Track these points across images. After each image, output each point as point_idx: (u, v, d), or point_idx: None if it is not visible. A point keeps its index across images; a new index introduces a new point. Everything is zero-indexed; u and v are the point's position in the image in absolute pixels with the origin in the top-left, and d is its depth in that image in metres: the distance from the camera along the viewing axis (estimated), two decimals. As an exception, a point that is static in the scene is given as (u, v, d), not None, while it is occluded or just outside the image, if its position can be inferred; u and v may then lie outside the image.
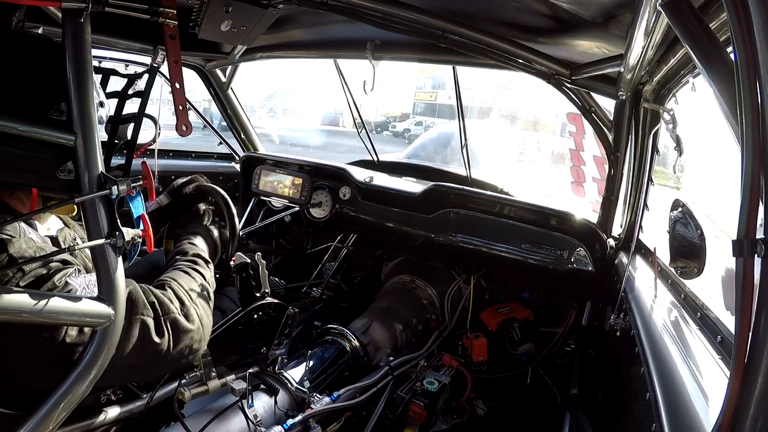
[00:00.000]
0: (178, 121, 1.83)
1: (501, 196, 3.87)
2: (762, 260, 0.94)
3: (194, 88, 4.75)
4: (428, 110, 32.97)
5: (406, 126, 33.16)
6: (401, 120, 35.68)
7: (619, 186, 3.18)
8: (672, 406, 1.54)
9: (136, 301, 1.91)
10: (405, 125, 33.21)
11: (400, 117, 36.74)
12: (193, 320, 2.05)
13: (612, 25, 2.10)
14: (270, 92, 33.82)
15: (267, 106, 33.93)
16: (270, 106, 34.82)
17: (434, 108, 34.91)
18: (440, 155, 6.90)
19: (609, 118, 3.07)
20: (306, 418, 2.53)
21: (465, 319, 3.92)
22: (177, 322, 1.98)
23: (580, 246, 3.39)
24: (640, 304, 2.37)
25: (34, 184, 1.71)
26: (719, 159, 4.35)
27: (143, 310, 1.91)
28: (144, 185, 1.72)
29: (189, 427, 2.15)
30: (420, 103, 36.62)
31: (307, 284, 4.21)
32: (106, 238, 1.60)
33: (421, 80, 35.98)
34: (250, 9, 2.25)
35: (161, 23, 1.78)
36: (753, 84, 0.96)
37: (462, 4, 2.49)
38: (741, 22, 0.98)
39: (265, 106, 32.81)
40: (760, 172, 0.95)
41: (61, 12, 1.50)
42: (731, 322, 1.65)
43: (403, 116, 36.63)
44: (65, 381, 1.63)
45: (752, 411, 0.94)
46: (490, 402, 3.45)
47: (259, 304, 2.65)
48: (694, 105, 2.38)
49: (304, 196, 4.34)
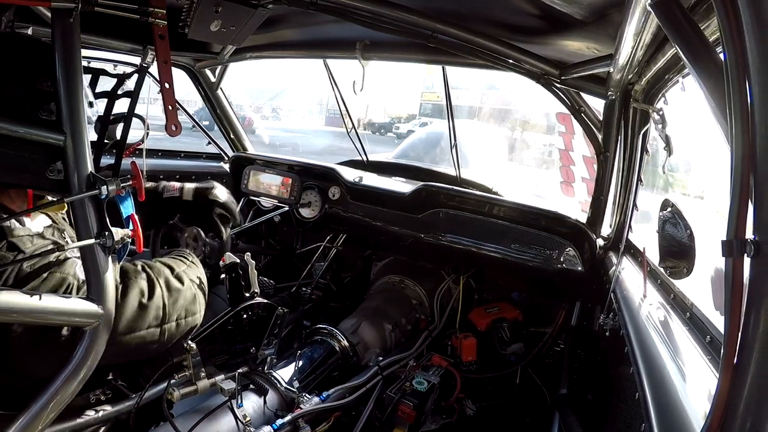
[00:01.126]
0: (168, 121, 1.83)
1: (490, 196, 3.88)
2: (751, 260, 0.94)
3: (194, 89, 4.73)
4: (435, 111, 31.43)
5: (410, 127, 30.82)
6: (407, 121, 34.49)
7: (609, 186, 3.18)
8: (661, 406, 1.54)
9: (127, 270, 2.00)
10: (409, 126, 31.33)
11: (406, 118, 35.60)
12: (184, 281, 2.18)
13: (601, 25, 2.11)
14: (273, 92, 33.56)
15: (269, 106, 33.76)
16: (272, 107, 34.65)
17: (441, 109, 33.66)
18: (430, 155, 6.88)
19: (598, 118, 3.08)
20: (295, 418, 2.53)
21: (454, 319, 3.92)
22: (169, 282, 2.11)
23: (570, 246, 3.40)
24: (629, 304, 2.37)
25: (23, 184, 1.71)
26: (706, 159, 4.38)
27: (134, 275, 2.00)
28: (133, 185, 1.71)
29: (178, 428, 2.14)
30: (427, 104, 35.41)
31: (296, 284, 4.20)
32: (95, 238, 1.60)
33: (429, 80, 35.47)
34: (239, 9, 2.25)
35: (151, 23, 1.77)
36: (742, 84, 0.96)
37: (451, 4, 2.50)
38: (731, 22, 0.98)
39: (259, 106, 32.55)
40: (749, 172, 0.96)
41: (50, 12, 1.50)
42: (720, 322, 1.66)
43: (409, 117, 35.50)
44: (55, 380, 1.63)
45: (741, 410, 0.94)
46: (480, 402, 3.45)
47: (249, 304, 2.65)
48: (682, 105, 2.39)
49: (294, 196, 4.33)
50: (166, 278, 2.12)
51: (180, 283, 2.16)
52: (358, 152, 4.76)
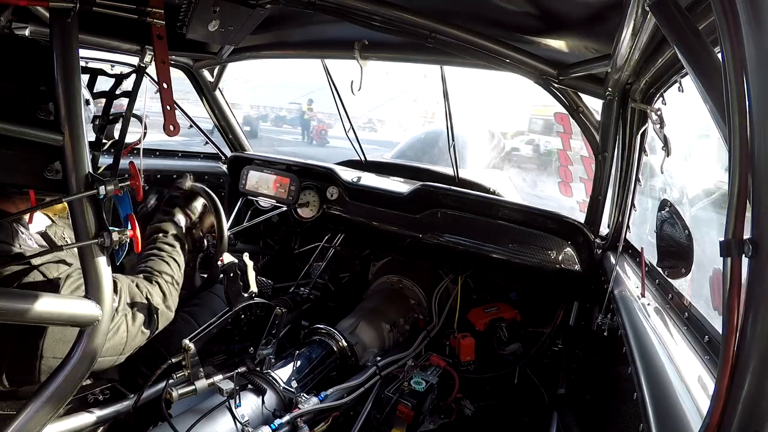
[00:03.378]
0: (166, 121, 1.82)
1: (488, 196, 3.88)
2: (749, 260, 0.94)
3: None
4: (546, 128, 27.69)
5: (514, 144, 27.48)
6: (513, 137, 29.57)
7: (607, 186, 3.18)
8: (659, 406, 1.55)
9: (134, 296, 2.14)
10: (513, 143, 27.70)
11: (513, 135, 30.30)
12: (171, 309, 2.37)
13: (600, 25, 2.11)
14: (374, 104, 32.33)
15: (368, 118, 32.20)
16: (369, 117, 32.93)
17: (551, 125, 28.50)
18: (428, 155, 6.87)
19: (596, 118, 3.08)
20: (293, 419, 2.52)
21: (452, 319, 3.92)
22: (163, 314, 2.29)
23: (568, 246, 3.41)
24: (627, 304, 2.38)
25: (21, 184, 1.71)
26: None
27: (138, 302, 2.16)
28: (132, 185, 1.71)
29: (176, 427, 2.14)
30: (537, 119, 31.89)
31: (294, 284, 4.19)
32: (93, 238, 1.60)
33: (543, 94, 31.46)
34: (237, 9, 2.25)
35: (149, 23, 1.77)
36: (741, 84, 0.97)
37: (449, 3, 2.50)
38: (729, 22, 0.98)
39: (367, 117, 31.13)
40: (747, 172, 0.96)
41: (48, 12, 1.50)
42: (718, 322, 1.66)
43: (516, 134, 30.56)
44: (53, 381, 1.63)
45: (740, 411, 0.94)
46: (478, 402, 3.44)
47: (247, 304, 2.65)
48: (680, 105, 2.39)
49: (292, 196, 4.32)
50: (160, 311, 2.29)
51: (169, 311, 2.36)
52: (356, 152, 4.75)
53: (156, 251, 2.53)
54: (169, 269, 2.47)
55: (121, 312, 2.07)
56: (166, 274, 2.44)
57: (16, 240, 1.89)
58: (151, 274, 2.39)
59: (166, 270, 2.45)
